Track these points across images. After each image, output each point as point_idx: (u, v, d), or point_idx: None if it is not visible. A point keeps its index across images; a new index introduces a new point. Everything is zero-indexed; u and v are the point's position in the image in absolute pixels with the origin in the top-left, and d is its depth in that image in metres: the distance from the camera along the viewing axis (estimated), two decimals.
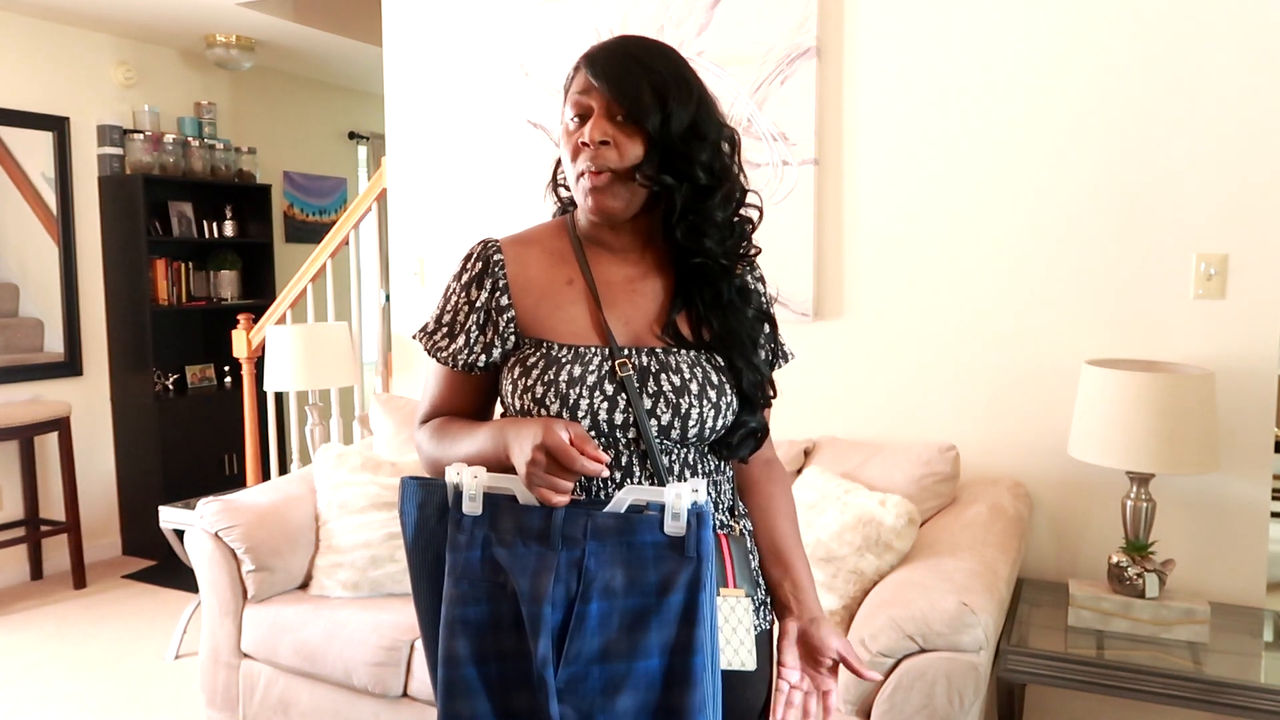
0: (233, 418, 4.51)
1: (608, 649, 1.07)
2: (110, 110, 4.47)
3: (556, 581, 1.06)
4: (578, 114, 1.14)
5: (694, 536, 1.07)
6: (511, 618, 1.07)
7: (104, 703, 3.00)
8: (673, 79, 1.14)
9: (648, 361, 1.16)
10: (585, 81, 1.14)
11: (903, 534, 2.02)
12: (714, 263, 1.19)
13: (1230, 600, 2.27)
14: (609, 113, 1.12)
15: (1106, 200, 2.35)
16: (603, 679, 1.07)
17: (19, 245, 4.16)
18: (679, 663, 1.07)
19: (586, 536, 1.07)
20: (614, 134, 1.12)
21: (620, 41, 1.17)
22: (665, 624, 1.07)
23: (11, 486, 4.15)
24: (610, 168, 1.12)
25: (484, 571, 1.08)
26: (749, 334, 1.22)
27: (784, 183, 2.67)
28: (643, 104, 1.11)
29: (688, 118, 1.13)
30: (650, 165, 1.12)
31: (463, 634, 1.07)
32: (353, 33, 4.46)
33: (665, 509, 1.08)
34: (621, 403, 1.13)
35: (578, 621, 1.06)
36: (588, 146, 1.12)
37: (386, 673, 2.29)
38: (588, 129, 1.12)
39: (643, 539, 1.08)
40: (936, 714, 1.72)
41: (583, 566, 1.07)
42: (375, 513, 2.60)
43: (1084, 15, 2.35)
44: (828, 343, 2.68)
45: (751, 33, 2.68)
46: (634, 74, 1.12)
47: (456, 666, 1.07)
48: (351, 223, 3.65)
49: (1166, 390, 2.02)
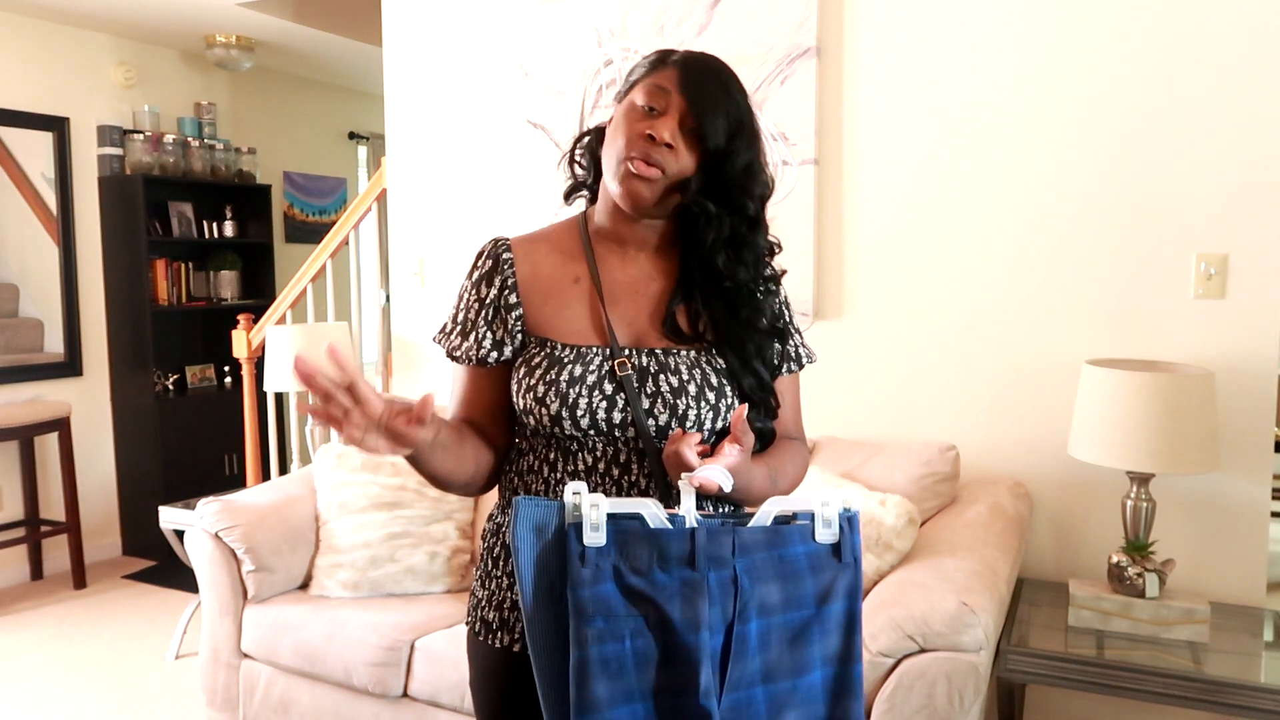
0: (233, 418, 4.51)
1: (770, 669, 1.02)
2: (110, 110, 4.47)
3: (711, 605, 1.00)
4: (650, 104, 1.14)
5: (849, 541, 1.05)
6: (659, 651, 1.00)
7: (104, 703, 3.00)
8: (747, 116, 1.17)
9: (647, 362, 1.16)
10: (671, 78, 1.14)
11: (903, 534, 2.02)
12: (743, 288, 1.20)
13: (1230, 600, 2.27)
14: (682, 122, 1.13)
15: (1107, 200, 2.35)
16: (767, 701, 1.03)
17: (19, 245, 4.16)
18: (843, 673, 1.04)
19: (734, 554, 1.02)
20: (680, 142, 1.13)
21: (708, 58, 1.18)
22: (827, 634, 1.04)
23: (11, 486, 4.15)
24: (664, 169, 1.13)
25: (624, 605, 1.00)
26: (755, 343, 1.21)
27: (784, 183, 2.67)
28: (715, 126, 1.13)
29: (749, 158, 1.16)
30: (697, 184, 1.14)
31: (602, 675, 0.98)
32: (353, 33, 4.46)
33: (815, 517, 1.05)
34: (620, 402, 1.13)
35: (739, 644, 1.01)
36: (652, 139, 1.12)
37: (386, 673, 2.29)
38: (660, 125, 1.12)
39: (794, 550, 1.05)
40: (936, 714, 1.72)
41: (738, 585, 1.01)
42: (375, 513, 2.60)
43: (1084, 15, 2.35)
44: (828, 343, 2.68)
45: (751, 33, 2.68)
46: (717, 96, 1.14)
47: (597, 711, 0.98)
48: (351, 223, 3.64)
49: (1166, 390, 2.02)
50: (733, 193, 1.15)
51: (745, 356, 1.20)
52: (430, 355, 3.36)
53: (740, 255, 1.19)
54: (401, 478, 2.64)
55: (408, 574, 2.55)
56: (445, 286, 3.31)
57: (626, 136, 1.14)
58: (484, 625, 1.23)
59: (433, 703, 2.26)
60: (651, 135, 1.12)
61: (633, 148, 1.13)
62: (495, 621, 1.21)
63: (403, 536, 2.57)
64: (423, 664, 2.27)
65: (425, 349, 3.37)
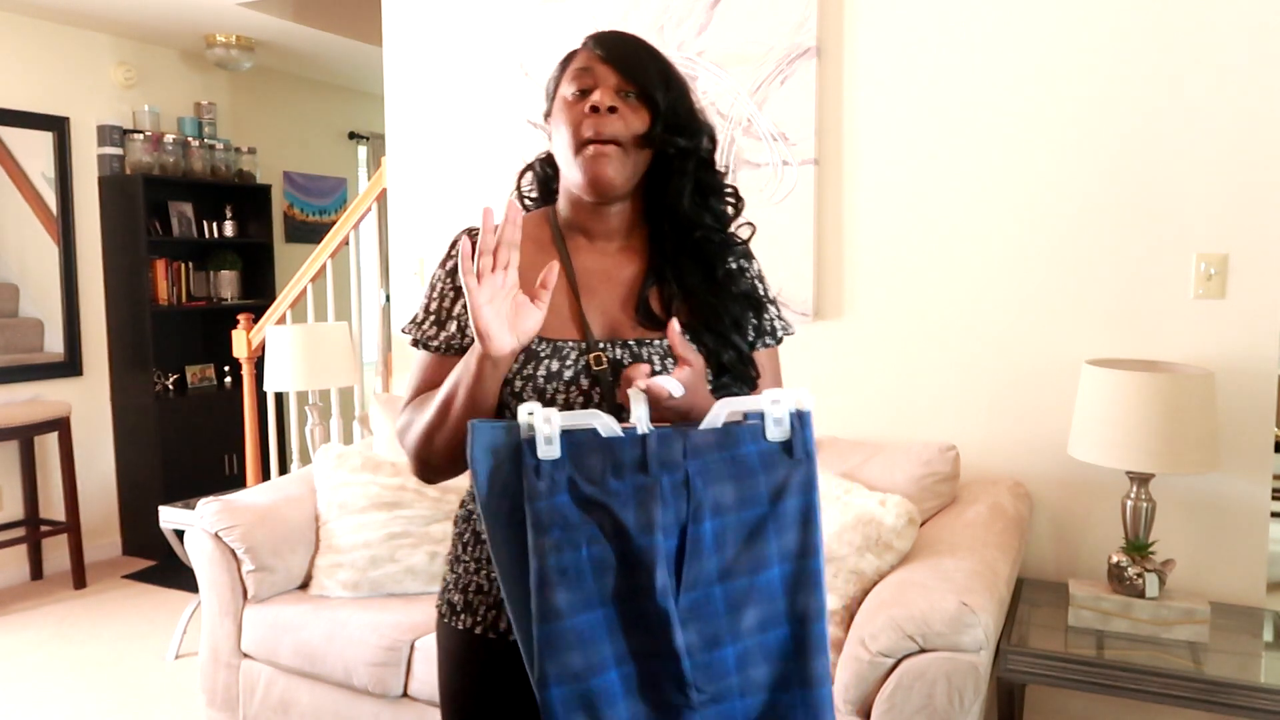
0: (233, 418, 4.51)
1: (727, 567, 1.03)
2: (110, 110, 4.47)
3: (664, 508, 1.01)
4: (580, 87, 1.16)
5: (800, 437, 1.05)
6: (612, 558, 1.01)
7: (104, 703, 3.00)
8: (670, 67, 1.20)
9: (621, 354, 1.17)
10: (590, 58, 1.17)
11: (903, 534, 2.02)
12: (712, 237, 1.22)
13: (1230, 600, 2.27)
14: (616, 88, 1.15)
15: (1107, 200, 2.35)
16: (725, 599, 1.03)
17: (19, 245, 4.16)
18: (800, 567, 1.05)
19: (686, 457, 1.03)
20: (621, 106, 1.14)
21: (615, 30, 1.21)
22: (783, 530, 1.05)
23: (11, 486, 4.15)
24: (617, 137, 1.14)
25: (578, 514, 1.01)
26: (731, 315, 1.22)
27: (784, 183, 2.67)
28: (650, 79, 1.15)
29: (688, 102, 1.20)
30: (658, 128, 1.15)
31: (561, 585, 1.00)
32: (353, 33, 4.46)
33: (765, 416, 1.05)
34: (596, 397, 1.14)
35: (693, 545, 1.02)
36: (597, 112, 1.13)
37: (386, 673, 2.29)
38: (597, 95, 1.14)
39: (746, 449, 1.05)
40: (936, 714, 1.72)
41: (690, 487, 1.02)
42: (375, 513, 2.60)
43: (1084, 15, 2.35)
44: (828, 343, 2.68)
45: (751, 33, 2.68)
46: (640, 53, 1.17)
47: (559, 619, 0.99)
48: (351, 223, 3.64)
49: (1166, 390, 2.02)
50: (685, 134, 1.18)
51: (722, 330, 1.20)
52: None
53: (705, 201, 1.22)
54: (401, 478, 2.64)
55: (408, 574, 2.55)
56: None
57: (571, 126, 1.15)
58: (449, 608, 1.25)
59: (433, 703, 2.26)
60: (595, 107, 1.13)
61: (581, 132, 1.14)
62: (460, 604, 1.24)
63: (403, 536, 2.57)
64: (423, 664, 2.27)
65: None
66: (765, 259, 1.30)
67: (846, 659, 1.84)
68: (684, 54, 2.77)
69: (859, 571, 2.01)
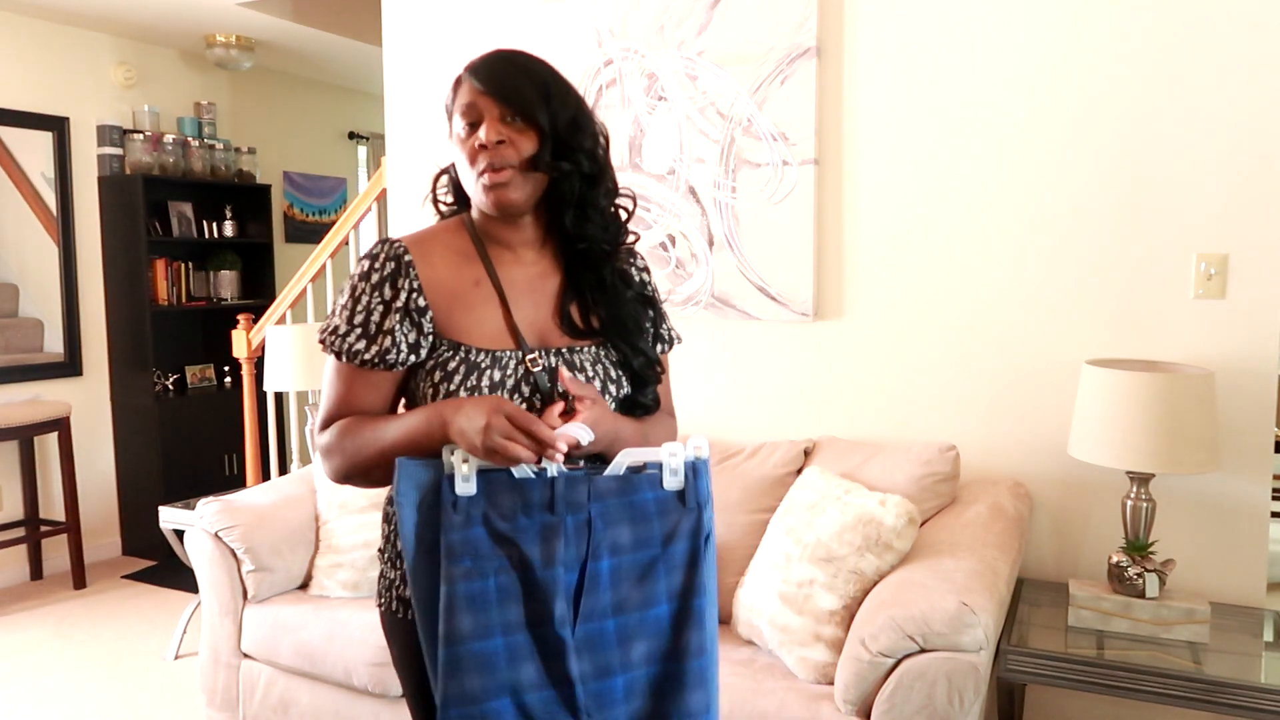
0: (233, 418, 4.51)
1: (620, 602, 1.12)
2: (110, 110, 4.47)
3: (566, 545, 1.11)
4: (469, 122, 1.23)
5: (693, 488, 1.16)
6: (517, 588, 1.10)
7: (104, 703, 3.00)
8: (552, 80, 1.25)
9: (555, 361, 1.24)
10: (472, 91, 1.22)
11: (903, 534, 2.02)
12: (596, 248, 1.29)
13: (1230, 600, 2.27)
14: (500, 116, 1.21)
15: (1107, 200, 2.35)
16: (618, 631, 1.12)
17: (19, 245, 4.16)
18: (685, 606, 1.14)
19: (590, 499, 1.12)
20: (508, 134, 1.21)
21: (497, 53, 1.26)
22: (671, 570, 1.14)
23: (11, 486, 4.15)
24: (510, 164, 1.21)
25: (489, 546, 1.10)
26: (632, 317, 1.32)
27: (784, 183, 2.67)
28: (531, 102, 1.21)
29: (570, 112, 1.24)
30: (546, 153, 1.22)
31: (466, 610, 1.08)
32: (353, 33, 4.46)
33: (663, 466, 1.15)
34: (538, 402, 1.21)
35: (591, 580, 1.11)
36: (485, 149, 1.20)
37: (386, 673, 2.29)
38: (483, 132, 1.21)
39: (644, 496, 1.15)
40: (936, 714, 1.72)
41: (591, 527, 1.12)
42: (375, 513, 2.60)
43: (1084, 15, 2.35)
44: (828, 343, 2.68)
45: (751, 32, 2.68)
46: (517, 78, 1.22)
47: (459, 643, 1.08)
48: (351, 223, 3.65)
49: (1166, 390, 2.02)
50: (565, 152, 1.23)
51: (631, 338, 1.30)
52: None
53: (586, 213, 1.28)
54: None
55: None
56: None
57: (468, 159, 1.23)
58: (401, 603, 1.26)
59: None
60: (483, 144, 1.20)
61: (476, 165, 1.22)
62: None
63: None
64: None
65: None
66: (765, 259, 1.33)
67: (846, 659, 1.84)
68: (684, 54, 2.77)
69: (859, 571, 2.01)
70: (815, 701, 1.89)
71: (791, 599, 2.05)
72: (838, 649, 1.94)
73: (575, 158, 1.24)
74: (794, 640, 2.02)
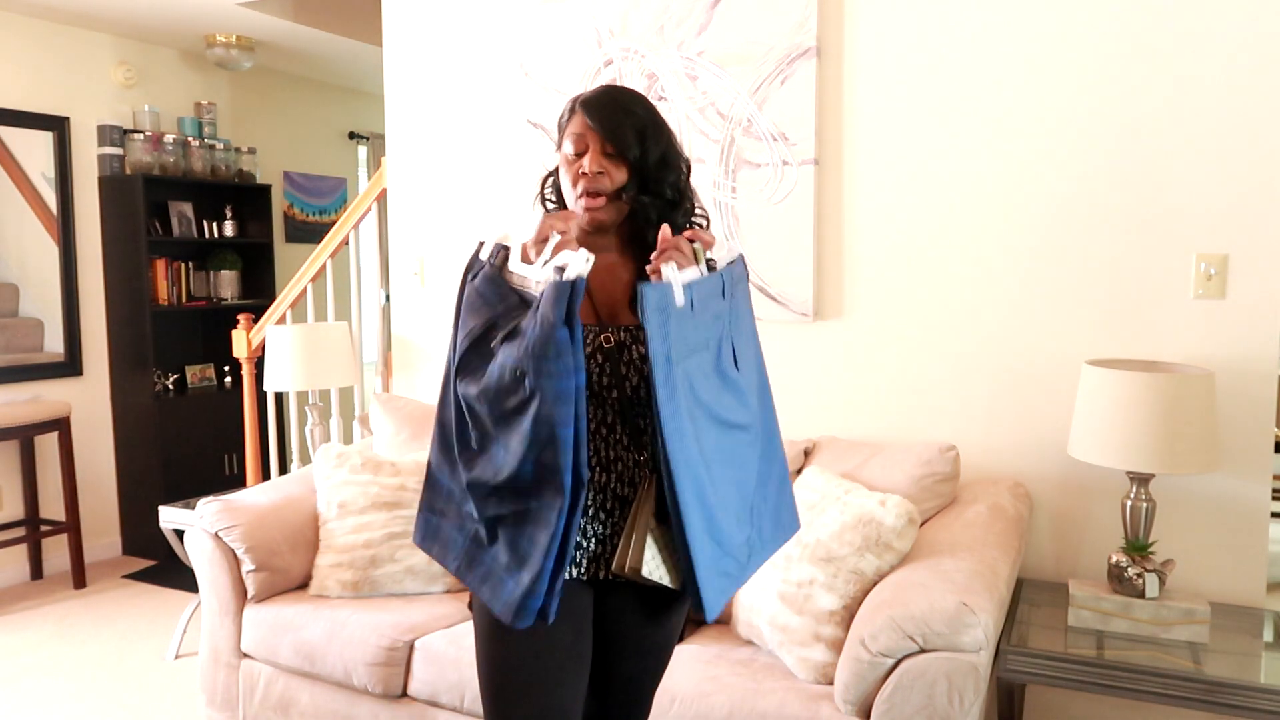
0: (233, 418, 4.51)
1: None
2: (110, 110, 4.47)
3: None
4: (576, 151, 1.47)
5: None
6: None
7: (104, 703, 3.00)
8: (649, 122, 1.49)
9: (623, 337, 1.47)
10: (582, 123, 1.47)
11: (903, 534, 2.02)
12: None
13: (1230, 600, 2.27)
14: (602, 149, 1.45)
15: (1106, 200, 2.35)
16: None
17: (19, 245, 4.16)
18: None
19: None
20: (606, 165, 1.45)
21: (608, 90, 1.52)
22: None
23: (11, 486, 4.15)
24: (604, 191, 1.46)
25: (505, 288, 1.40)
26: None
27: (784, 183, 2.67)
28: (627, 142, 1.45)
29: (660, 150, 1.49)
30: (632, 187, 1.47)
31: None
32: (353, 33, 4.46)
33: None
34: (608, 369, 1.44)
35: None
36: (586, 176, 1.45)
37: (386, 673, 2.29)
38: (586, 162, 1.45)
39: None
40: (936, 714, 1.72)
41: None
42: (375, 513, 2.60)
43: (1084, 15, 2.35)
44: (828, 343, 2.68)
45: (751, 33, 2.68)
46: (620, 118, 1.46)
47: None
48: (351, 223, 3.64)
49: (1166, 390, 2.02)
50: (652, 184, 1.49)
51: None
52: (431, 355, 3.36)
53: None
54: (401, 477, 2.65)
55: (408, 574, 2.55)
56: (445, 286, 3.31)
57: (571, 179, 1.48)
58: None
59: (432, 702, 2.26)
60: (584, 172, 1.45)
61: (578, 186, 1.47)
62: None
63: (403, 536, 2.57)
64: (422, 664, 2.27)
65: (426, 349, 3.37)
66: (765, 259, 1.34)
67: (846, 659, 1.84)
68: (684, 54, 2.77)
69: (859, 571, 2.01)
70: (815, 701, 1.89)
71: (791, 599, 2.05)
72: (837, 649, 1.94)
73: (660, 188, 1.49)
74: (794, 640, 2.02)
